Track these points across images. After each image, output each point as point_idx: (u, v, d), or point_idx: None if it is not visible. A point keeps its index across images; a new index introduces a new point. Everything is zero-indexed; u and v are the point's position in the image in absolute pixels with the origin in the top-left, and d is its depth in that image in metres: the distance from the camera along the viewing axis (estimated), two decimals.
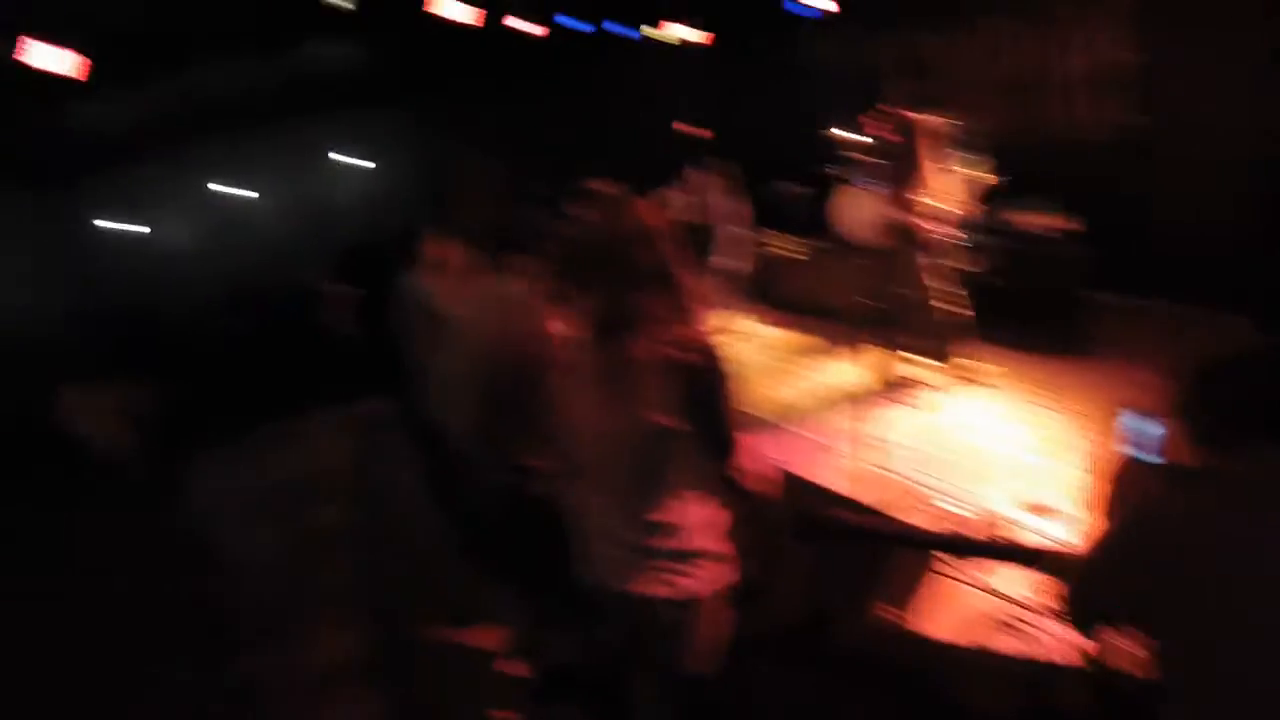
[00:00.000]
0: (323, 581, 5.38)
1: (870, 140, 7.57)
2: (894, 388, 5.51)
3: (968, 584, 3.25)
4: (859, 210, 7.37)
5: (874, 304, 5.58)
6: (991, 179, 5.66)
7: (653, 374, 1.88)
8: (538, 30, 9.24)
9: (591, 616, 2.62)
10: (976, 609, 3.11)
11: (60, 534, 7.09)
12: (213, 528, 7.11)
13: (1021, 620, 2.97)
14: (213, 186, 12.73)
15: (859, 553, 3.21)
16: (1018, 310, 5.91)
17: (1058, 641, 2.79)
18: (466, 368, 3.09)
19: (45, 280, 11.48)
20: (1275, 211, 5.37)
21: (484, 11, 8.11)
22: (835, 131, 8.02)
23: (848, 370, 6.00)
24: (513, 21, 9.11)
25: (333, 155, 13.38)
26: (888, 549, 3.35)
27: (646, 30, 10.29)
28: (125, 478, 7.43)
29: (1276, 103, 5.38)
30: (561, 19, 9.68)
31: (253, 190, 13.00)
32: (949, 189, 5.23)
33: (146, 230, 12.39)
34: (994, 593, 3.15)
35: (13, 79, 6.43)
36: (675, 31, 10.00)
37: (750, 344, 7.20)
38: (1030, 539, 3.44)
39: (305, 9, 7.42)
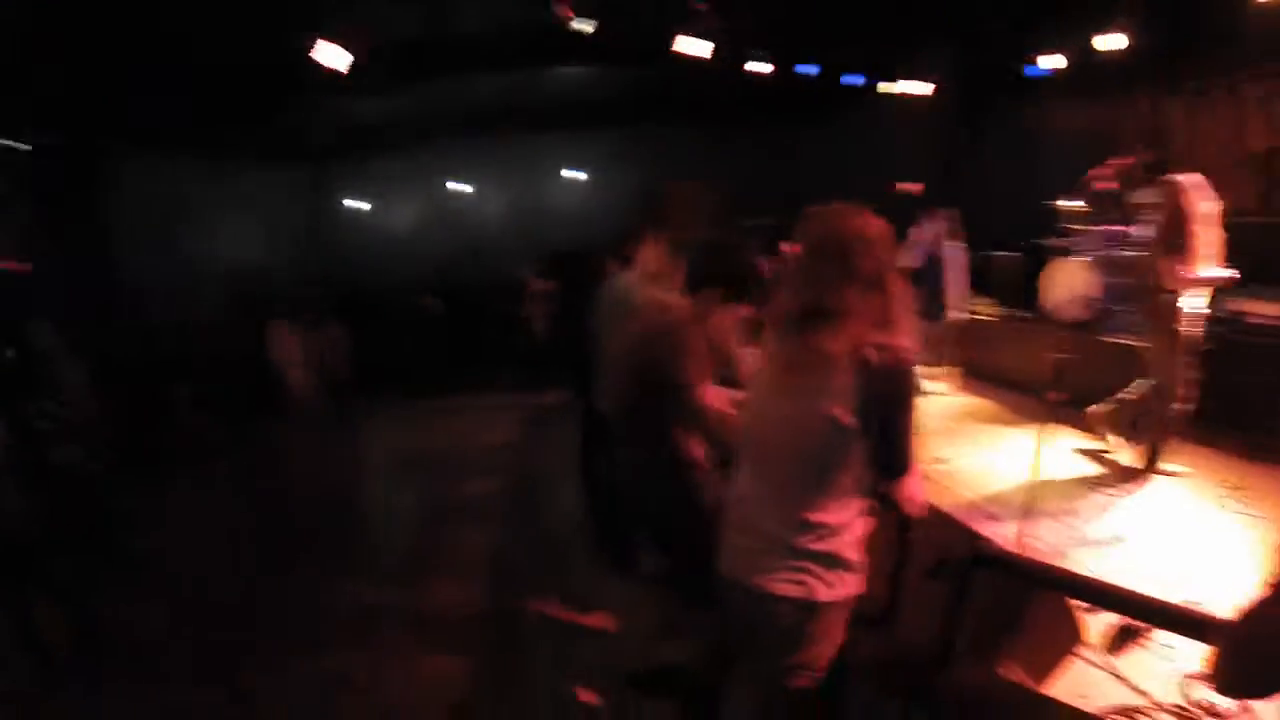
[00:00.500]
0: (456, 542, 5.72)
1: (1091, 202, 7.23)
2: (1078, 469, 5.11)
3: (1106, 671, 3.05)
4: (1070, 284, 6.94)
5: (1066, 380, 5.16)
6: None
7: (843, 369, 1.87)
8: (767, 69, 9.39)
9: (710, 615, 2.60)
10: (1106, 694, 2.93)
11: (247, 447, 8.26)
12: (372, 475, 7.87)
13: (1148, 714, 2.81)
14: (446, 183, 14.23)
15: (997, 607, 2.99)
16: (1227, 406, 5.31)
17: None
18: (619, 364, 3.20)
19: (299, 238, 13.34)
20: None
21: (720, 50, 8.36)
22: (1060, 202, 7.63)
23: (1030, 444, 5.63)
24: (749, 65, 9.38)
25: (559, 168, 14.46)
26: (1030, 612, 3.12)
27: (884, 86, 10.29)
28: (309, 412, 8.29)
29: None
30: (799, 67, 9.85)
31: (480, 190, 14.33)
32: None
33: (382, 211, 14.17)
34: (1127, 682, 2.97)
35: (303, 73, 7.49)
36: (908, 87, 9.90)
37: (929, 402, 6.92)
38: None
39: (555, 35, 8.00)
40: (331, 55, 6.81)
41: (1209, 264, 4.64)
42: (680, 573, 2.96)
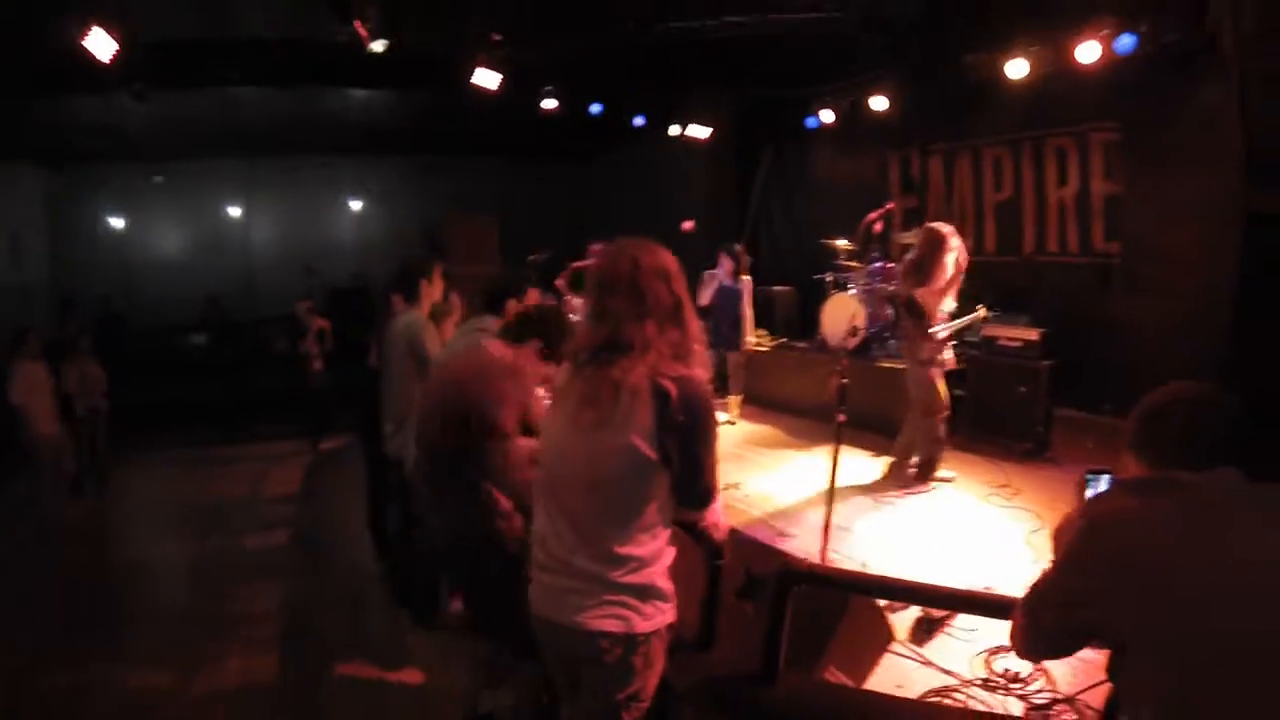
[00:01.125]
0: (243, 606, 5.10)
1: (871, 239, 7.97)
2: (863, 483, 5.48)
3: (916, 660, 3.26)
4: (843, 315, 7.49)
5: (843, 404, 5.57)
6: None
7: (642, 402, 1.86)
8: (554, 104, 9.52)
9: (526, 657, 2.54)
10: (921, 681, 3.14)
11: None
12: (139, 535, 6.86)
13: (960, 691, 3.05)
14: (217, 204, 12.86)
15: (813, 618, 3.05)
16: (985, 416, 6.15)
17: (989, 710, 2.93)
18: (432, 408, 3.01)
19: (38, 255, 11.44)
20: (1217, 334, 5.66)
21: (511, 84, 8.34)
22: (833, 241, 8.26)
23: (812, 464, 6.01)
24: (538, 100, 9.46)
25: (340, 195, 13.59)
26: (840, 617, 3.20)
27: (673, 130, 10.68)
28: (61, 465, 7.09)
29: (1229, 235, 5.63)
30: (587, 105, 10.09)
31: (255, 214, 13.08)
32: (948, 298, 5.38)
33: (145, 230, 12.46)
34: (936, 666, 3.21)
35: (61, 66, 6.55)
36: (690, 130, 10.38)
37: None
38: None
39: (346, 53, 7.58)
40: (101, 45, 6.01)
41: (949, 299, 5.28)
42: (492, 620, 2.84)
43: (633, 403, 1.86)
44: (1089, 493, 1.97)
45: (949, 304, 5.29)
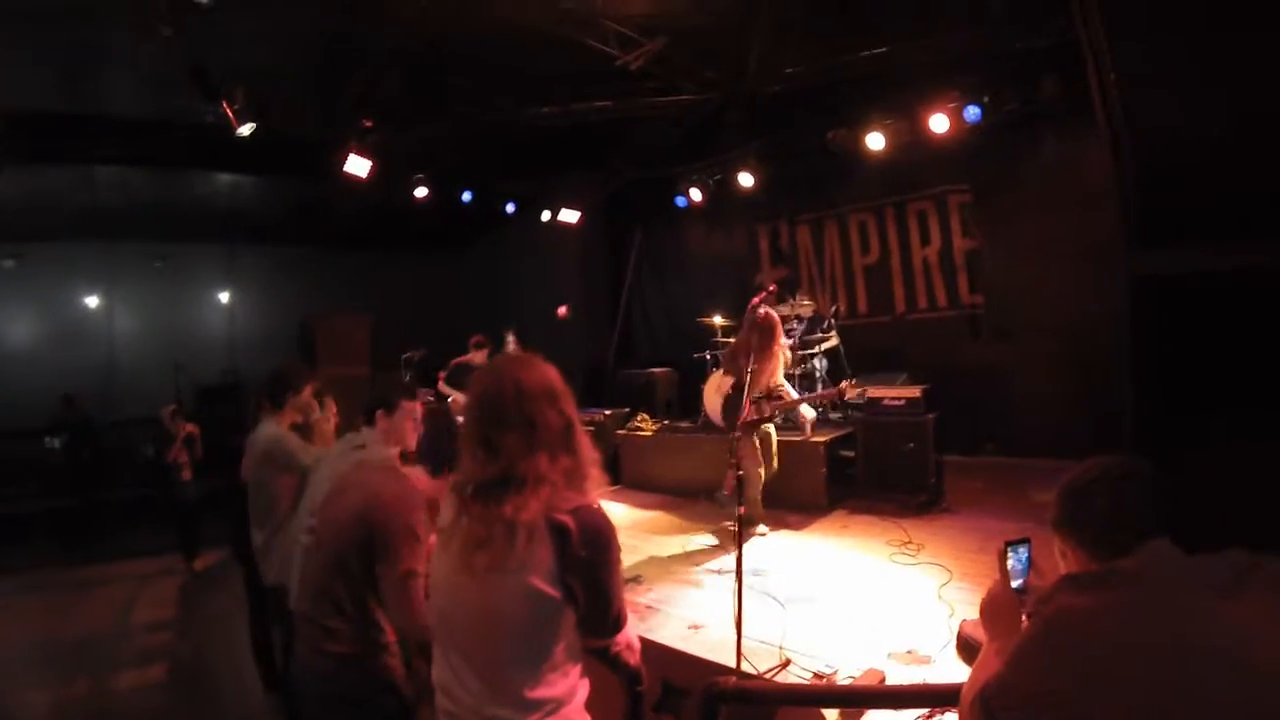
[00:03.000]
0: None
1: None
2: (757, 558, 5.39)
3: None
4: (720, 393, 7.58)
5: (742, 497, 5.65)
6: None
7: (539, 539, 1.75)
8: (425, 193, 9.53)
9: None
10: None
11: None
12: None
13: None
14: (75, 292, 11.85)
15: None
16: (879, 474, 6.39)
17: None
18: (317, 530, 2.81)
19: None
20: (1083, 374, 6.30)
21: (382, 172, 8.24)
22: (710, 319, 8.38)
23: (709, 544, 5.97)
24: (408, 188, 9.41)
25: (212, 286, 12.88)
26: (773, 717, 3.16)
27: (544, 215, 10.74)
28: None
29: (1084, 284, 6.33)
30: (464, 194, 10.14)
31: (117, 305, 12.10)
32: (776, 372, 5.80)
33: None
34: None
35: None
36: (562, 215, 10.48)
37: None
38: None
39: (214, 134, 7.26)
40: None
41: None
42: None
43: (529, 542, 1.74)
44: (1010, 563, 2.03)
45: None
